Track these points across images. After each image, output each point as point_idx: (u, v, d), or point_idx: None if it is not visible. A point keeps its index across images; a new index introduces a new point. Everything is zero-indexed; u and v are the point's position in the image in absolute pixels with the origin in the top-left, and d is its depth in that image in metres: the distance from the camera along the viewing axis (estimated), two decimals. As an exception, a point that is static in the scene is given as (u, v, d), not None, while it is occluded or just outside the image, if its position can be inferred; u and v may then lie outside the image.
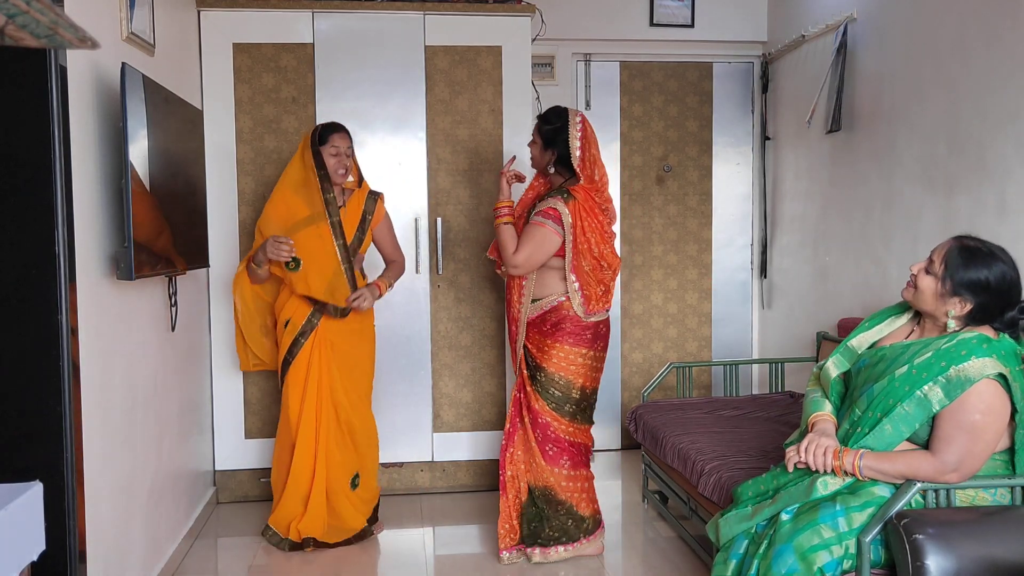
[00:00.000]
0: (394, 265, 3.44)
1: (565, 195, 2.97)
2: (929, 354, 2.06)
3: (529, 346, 3.08)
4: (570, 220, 2.94)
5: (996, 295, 2.07)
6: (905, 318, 2.29)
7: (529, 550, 3.05)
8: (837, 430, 2.22)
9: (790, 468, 2.19)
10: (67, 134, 2.10)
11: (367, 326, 3.34)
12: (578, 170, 3.00)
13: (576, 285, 2.99)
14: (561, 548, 3.05)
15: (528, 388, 3.06)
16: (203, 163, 3.37)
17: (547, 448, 3.04)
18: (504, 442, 3.10)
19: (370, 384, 3.38)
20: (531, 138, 3.13)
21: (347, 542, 3.27)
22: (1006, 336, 2.08)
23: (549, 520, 3.05)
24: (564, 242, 2.96)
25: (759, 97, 4.59)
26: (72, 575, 2.10)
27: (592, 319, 3.03)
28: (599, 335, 3.06)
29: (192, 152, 3.10)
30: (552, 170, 3.08)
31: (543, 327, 3.04)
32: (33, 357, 2.06)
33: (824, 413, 2.26)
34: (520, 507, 3.08)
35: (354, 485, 3.26)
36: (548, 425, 3.03)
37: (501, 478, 3.09)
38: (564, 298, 3.01)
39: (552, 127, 3.03)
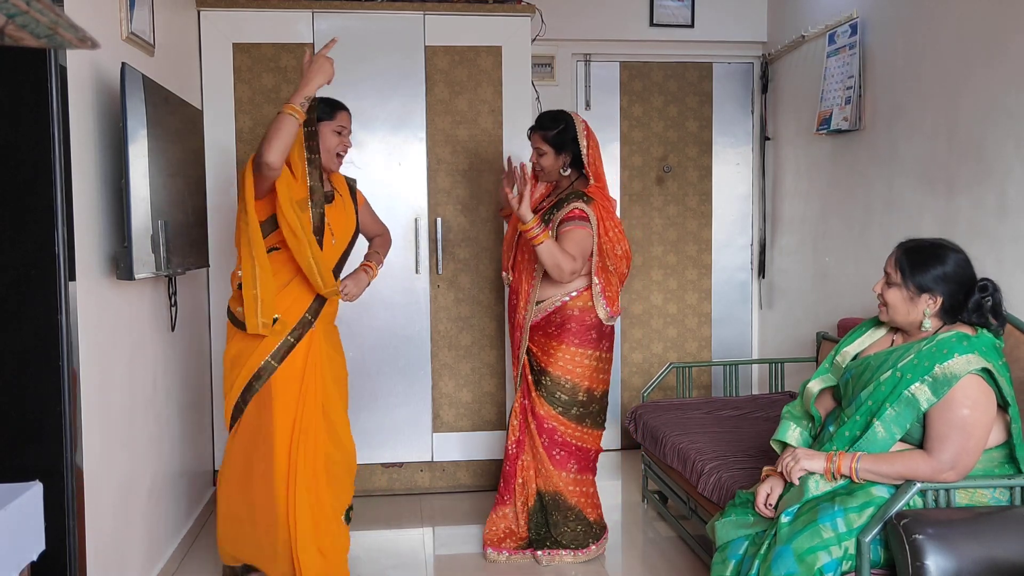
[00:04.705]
0: (380, 239, 3.05)
1: (585, 198, 2.94)
2: (911, 356, 2.08)
3: (534, 349, 3.05)
4: (595, 221, 2.92)
5: (958, 282, 2.10)
6: (885, 329, 2.31)
7: (539, 553, 3.04)
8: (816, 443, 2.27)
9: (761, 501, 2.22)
10: (67, 134, 2.09)
11: (336, 327, 2.89)
12: (588, 169, 2.99)
13: (599, 287, 2.96)
14: (570, 554, 3.03)
15: (533, 394, 3.03)
16: (203, 163, 3.37)
17: (554, 453, 3.02)
18: (514, 451, 3.07)
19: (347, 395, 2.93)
20: (538, 151, 3.00)
21: None
22: (984, 331, 2.10)
23: (557, 526, 3.03)
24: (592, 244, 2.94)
25: (759, 97, 4.59)
26: (72, 575, 2.10)
27: (611, 322, 3.01)
28: (603, 335, 3.02)
29: (192, 152, 3.10)
30: (567, 172, 3.03)
31: (548, 329, 3.01)
32: (33, 357, 2.06)
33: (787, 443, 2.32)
34: (528, 512, 3.07)
35: (348, 518, 2.82)
36: (554, 430, 3.00)
37: (509, 484, 3.07)
38: (568, 298, 2.98)
39: (558, 130, 2.97)
